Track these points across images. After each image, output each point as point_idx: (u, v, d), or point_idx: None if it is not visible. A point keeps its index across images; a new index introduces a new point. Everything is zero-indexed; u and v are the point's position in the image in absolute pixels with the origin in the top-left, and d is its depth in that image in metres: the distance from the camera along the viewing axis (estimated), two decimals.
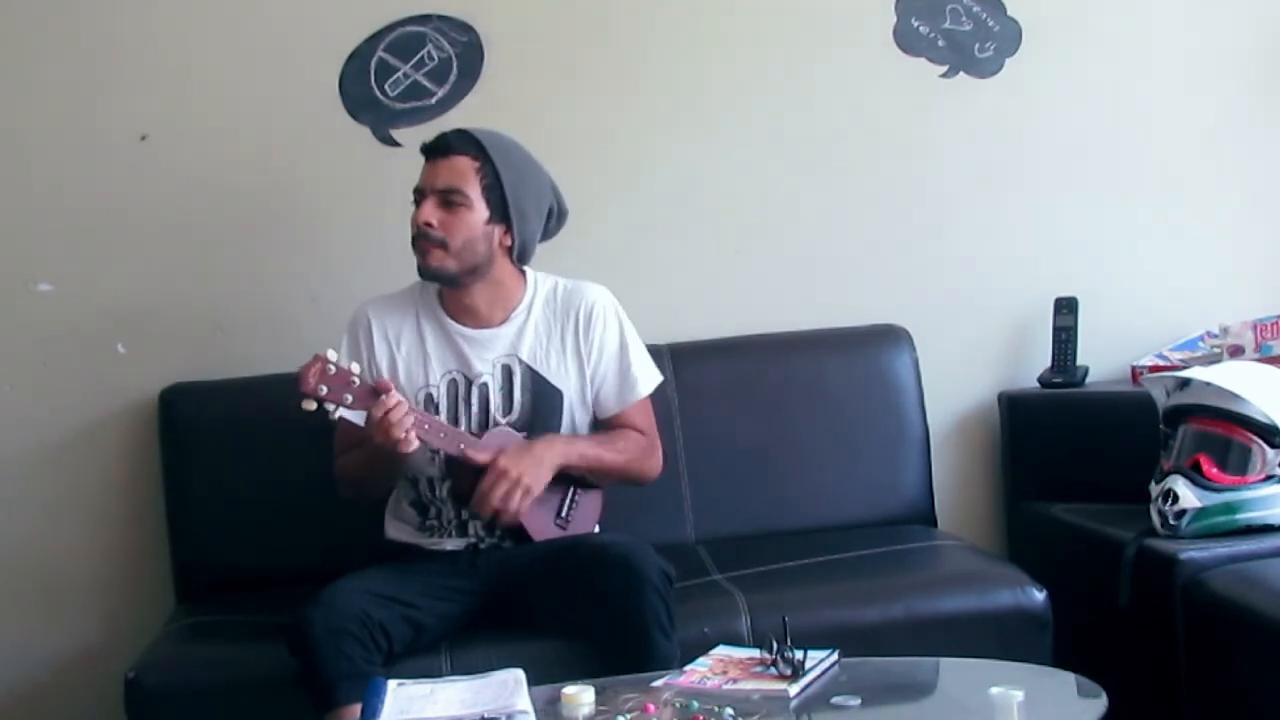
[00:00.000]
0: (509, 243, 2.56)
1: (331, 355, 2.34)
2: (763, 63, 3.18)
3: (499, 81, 3.10)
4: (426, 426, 2.43)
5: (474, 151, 2.52)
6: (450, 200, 2.51)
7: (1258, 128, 3.31)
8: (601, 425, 2.67)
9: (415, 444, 2.39)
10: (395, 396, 2.37)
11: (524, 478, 2.45)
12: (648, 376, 2.68)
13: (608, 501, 2.68)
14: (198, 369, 3.01)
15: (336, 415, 2.36)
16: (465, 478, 2.51)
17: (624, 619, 2.33)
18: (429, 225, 2.51)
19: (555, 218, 2.65)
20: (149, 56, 3.04)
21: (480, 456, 2.47)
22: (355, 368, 2.38)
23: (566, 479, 2.59)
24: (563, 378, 2.61)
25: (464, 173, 2.52)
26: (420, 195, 2.54)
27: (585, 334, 2.62)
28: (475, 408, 2.57)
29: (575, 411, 2.61)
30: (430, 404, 2.57)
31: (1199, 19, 3.29)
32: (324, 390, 2.32)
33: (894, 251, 3.23)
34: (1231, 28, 3.30)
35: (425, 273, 2.55)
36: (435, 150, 2.56)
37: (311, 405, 2.33)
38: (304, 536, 2.86)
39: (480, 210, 2.52)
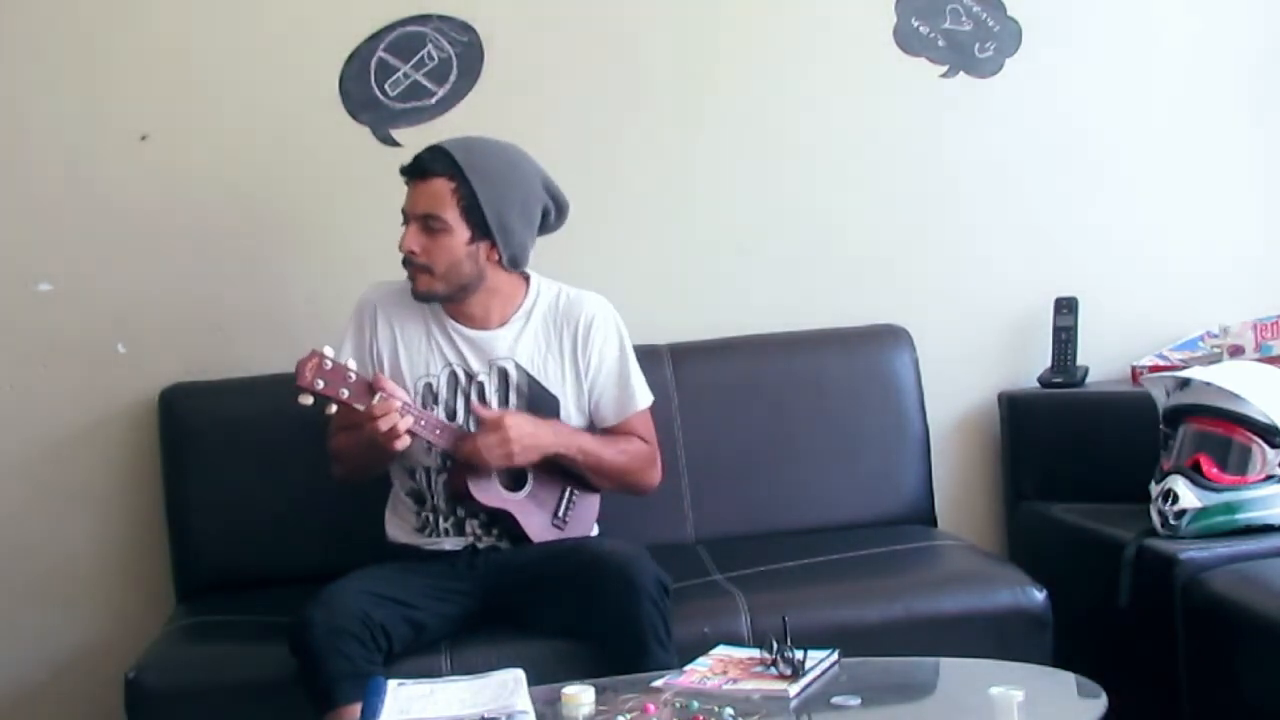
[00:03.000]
0: (497, 257, 2.55)
1: (328, 351, 2.35)
2: (763, 62, 3.18)
3: (499, 81, 3.10)
4: (423, 423, 2.44)
5: (450, 172, 2.49)
6: (430, 226, 2.50)
7: (1258, 127, 3.31)
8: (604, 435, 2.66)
9: (407, 442, 2.40)
10: (389, 396, 2.38)
11: (514, 445, 2.46)
12: (644, 390, 2.67)
13: (605, 502, 2.69)
14: (198, 369, 3.01)
15: (333, 410, 2.37)
16: (459, 475, 2.51)
17: (620, 629, 2.34)
18: (412, 253, 2.51)
19: (555, 214, 2.64)
20: (149, 56, 3.04)
21: (486, 413, 2.49)
22: (352, 364, 2.38)
23: (564, 479, 2.60)
24: (560, 385, 2.60)
25: (440, 196, 2.50)
26: (405, 219, 2.54)
27: (584, 345, 2.61)
28: (474, 403, 2.57)
29: (572, 418, 2.61)
30: (430, 393, 2.57)
31: (1199, 19, 3.29)
32: (320, 385, 2.33)
33: (894, 251, 3.23)
34: (1231, 27, 3.30)
35: (417, 296, 2.56)
36: (411, 173, 2.54)
37: (308, 400, 2.33)
38: (304, 536, 2.86)
39: (461, 232, 2.51)
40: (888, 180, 3.23)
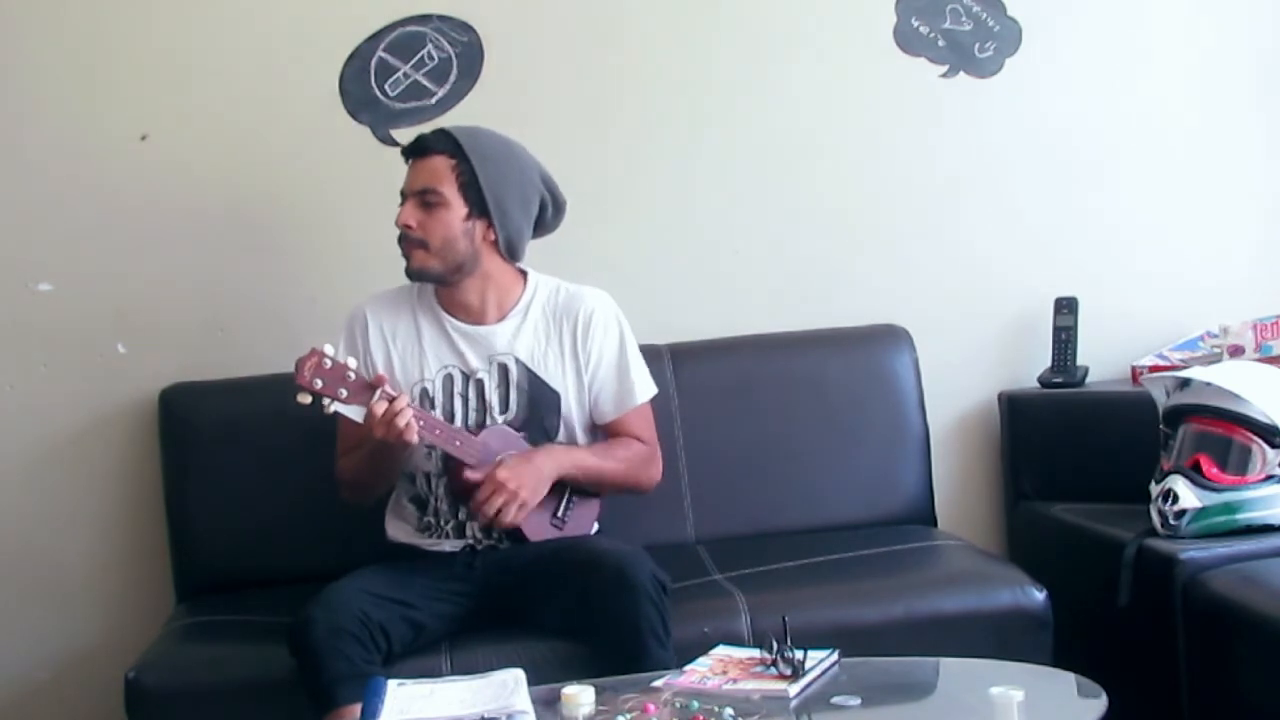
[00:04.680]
0: (493, 238, 2.56)
1: (328, 349, 2.34)
2: (763, 62, 3.18)
3: (499, 81, 3.10)
4: (422, 423, 2.43)
5: (450, 149, 2.53)
6: (427, 201, 2.52)
7: (1257, 127, 3.31)
8: (601, 432, 2.66)
9: (416, 436, 2.39)
10: (392, 390, 2.38)
11: (521, 491, 2.46)
12: (645, 385, 2.67)
13: (606, 502, 2.69)
14: (198, 369, 3.01)
15: (331, 410, 2.36)
16: (459, 474, 2.51)
17: (618, 627, 2.34)
18: (408, 227, 2.53)
19: (552, 210, 2.65)
20: (149, 56, 3.04)
21: (475, 475, 2.47)
22: (351, 362, 2.38)
23: (564, 483, 2.60)
24: (560, 380, 2.60)
25: (440, 172, 2.52)
26: (403, 198, 2.55)
27: (584, 339, 2.62)
28: (472, 403, 2.58)
29: (573, 413, 2.61)
30: (425, 399, 2.57)
31: (1198, 19, 3.29)
32: (319, 384, 2.32)
33: (894, 251, 3.23)
34: (1231, 27, 3.30)
35: (410, 273, 2.57)
36: (413, 151, 2.57)
37: (307, 399, 2.33)
38: (304, 536, 2.86)
39: (458, 208, 2.52)
40: (888, 180, 3.23)
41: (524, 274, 2.66)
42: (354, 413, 2.40)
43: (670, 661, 2.31)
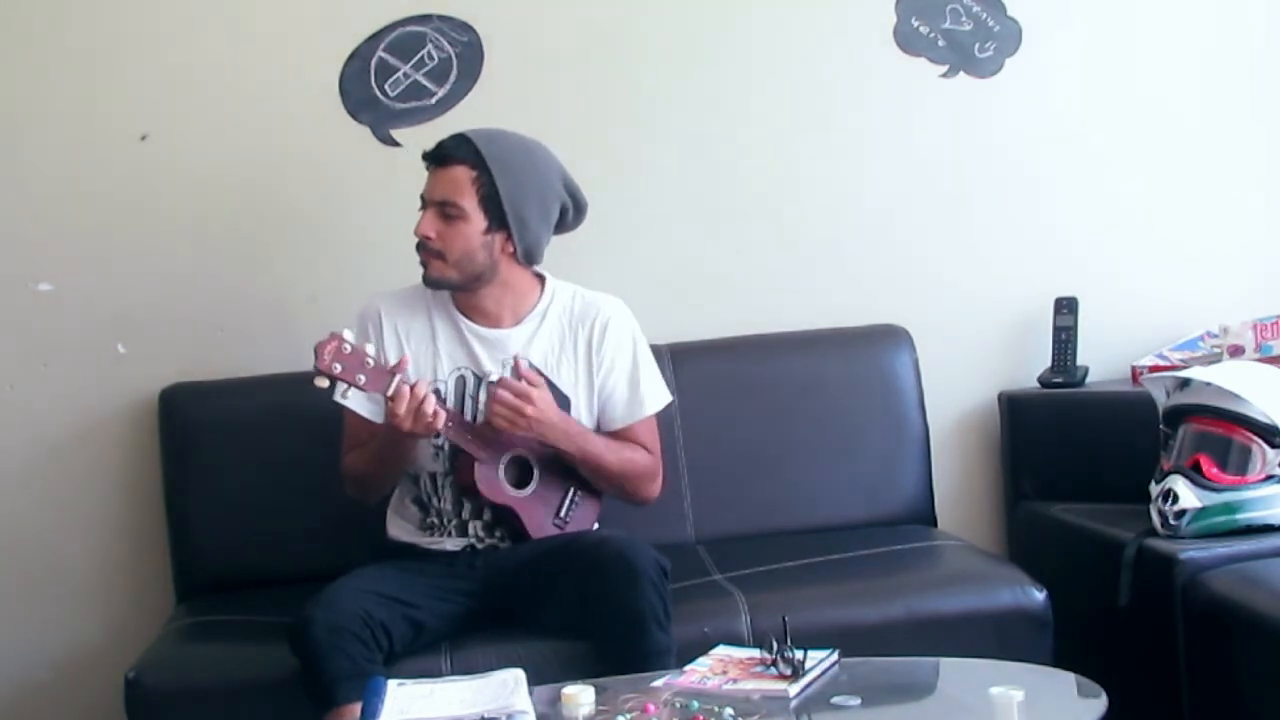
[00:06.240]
0: (512, 249, 2.56)
1: (348, 334, 2.34)
2: (763, 62, 3.18)
3: (499, 81, 3.10)
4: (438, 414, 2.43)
5: (471, 160, 2.50)
6: (447, 213, 2.51)
7: (1258, 127, 3.31)
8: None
9: (442, 417, 2.39)
10: (408, 381, 2.38)
11: (523, 418, 2.45)
12: (655, 395, 2.67)
13: (606, 503, 2.69)
14: (198, 369, 3.01)
15: (347, 396, 2.35)
16: (467, 470, 2.51)
17: (620, 612, 2.34)
18: (427, 238, 2.52)
19: (573, 213, 2.64)
20: (149, 56, 3.04)
21: (530, 375, 2.49)
22: (370, 349, 2.37)
23: (567, 479, 2.60)
24: (572, 386, 2.60)
25: (460, 184, 2.50)
26: (423, 204, 2.55)
27: (598, 347, 2.61)
28: (483, 404, 2.57)
29: (582, 418, 2.60)
30: (438, 400, 2.56)
31: (1198, 19, 3.29)
32: (338, 368, 2.31)
33: (894, 251, 3.23)
34: (1231, 27, 3.30)
35: (428, 281, 2.56)
36: (434, 160, 2.55)
37: (324, 383, 2.31)
38: (304, 536, 2.86)
39: (477, 221, 2.51)
40: (888, 180, 3.23)
41: (541, 279, 2.66)
42: (367, 400, 2.39)
43: (670, 646, 2.32)
